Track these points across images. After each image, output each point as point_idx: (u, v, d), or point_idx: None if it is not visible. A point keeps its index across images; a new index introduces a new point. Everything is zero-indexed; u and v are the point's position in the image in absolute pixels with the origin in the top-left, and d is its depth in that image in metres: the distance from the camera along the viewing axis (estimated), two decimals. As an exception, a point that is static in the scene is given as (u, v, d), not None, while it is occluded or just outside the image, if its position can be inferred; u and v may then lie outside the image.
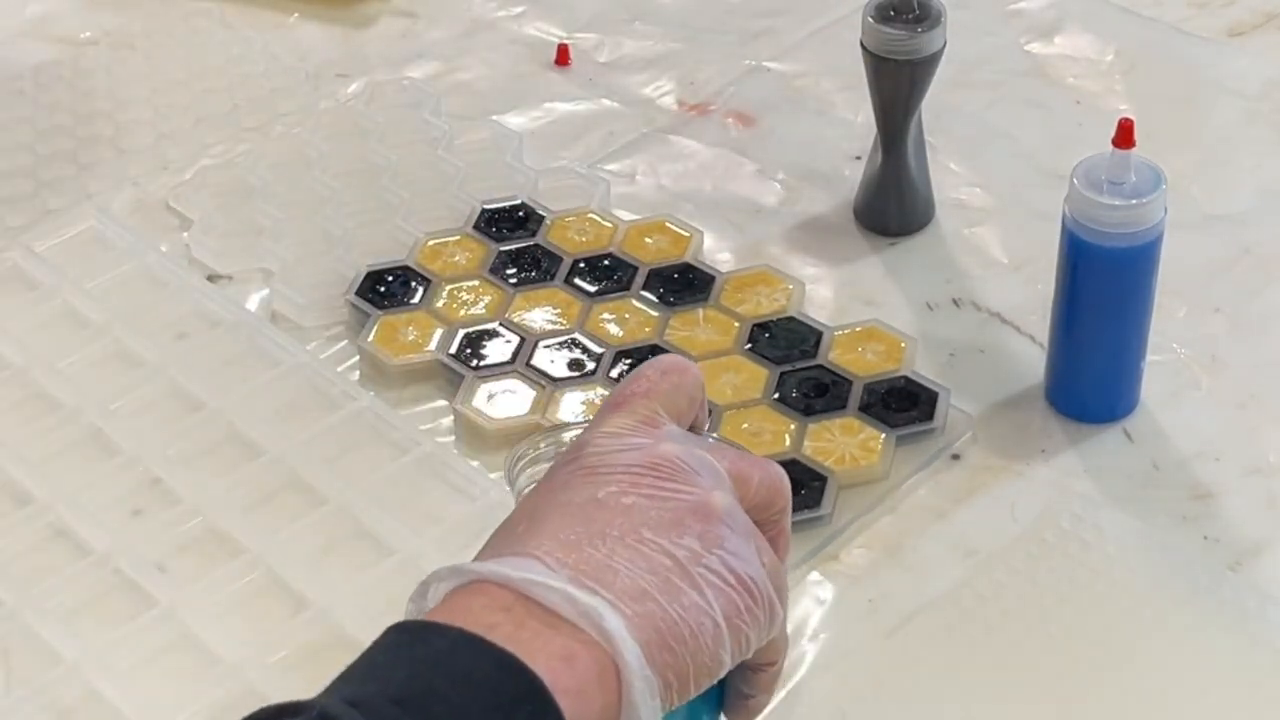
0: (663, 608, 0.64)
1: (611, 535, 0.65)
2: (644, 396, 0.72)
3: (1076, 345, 1.02)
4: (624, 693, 0.62)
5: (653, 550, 0.65)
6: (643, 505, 0.67)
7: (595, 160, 1.26)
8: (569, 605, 0.63)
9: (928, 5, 1.10)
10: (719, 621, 0.65)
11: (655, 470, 0.68)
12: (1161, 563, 0.94)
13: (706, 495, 0.68)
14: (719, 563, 0.66)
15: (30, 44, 1.39)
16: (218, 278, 1.17)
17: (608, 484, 0.68)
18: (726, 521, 0.68)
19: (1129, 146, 0.94)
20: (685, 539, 0.66)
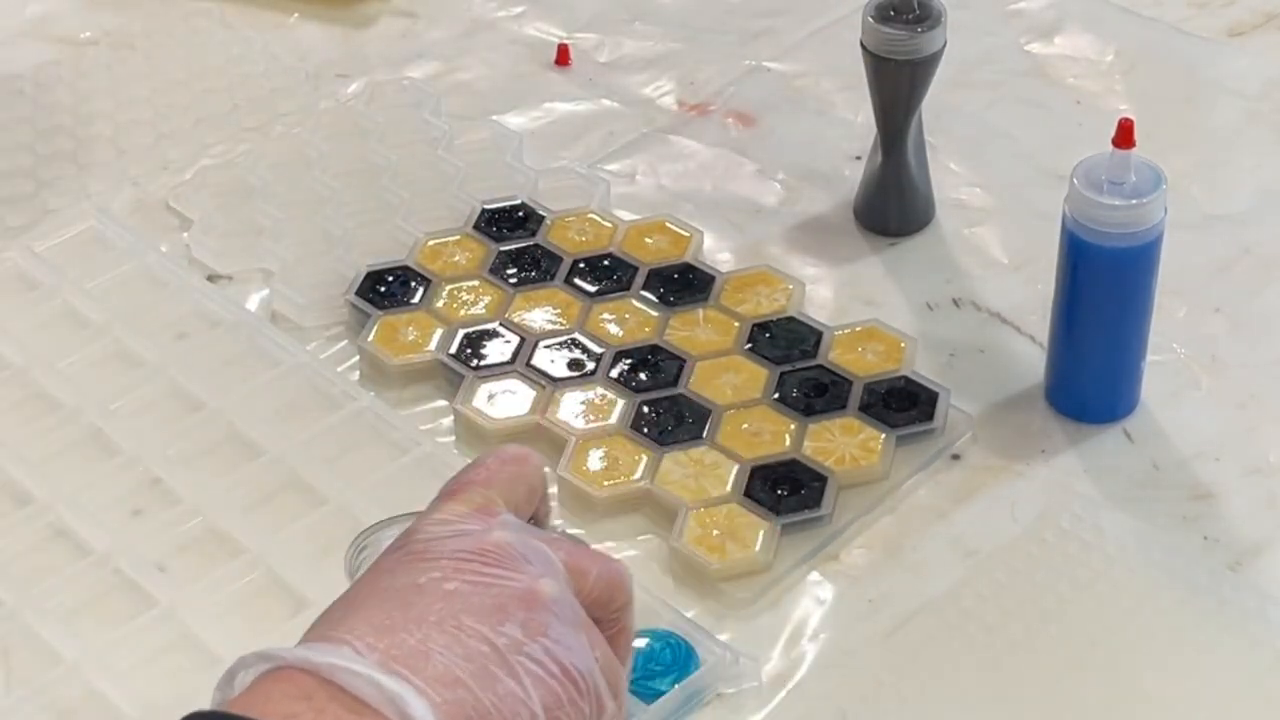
0: (475, 695, 0.62)
1: (429, 621, 0.64)
2: (481, 485, 0.71)
3: (1076, 345, 1.02)
4: None
5: (470, 637, 0.64)
6: (465, 591, 0.65)
7: (595, 160, 1.26)
8: (374, 691, 0.61)
9: (928, 5, 1.10)
10: (536, 712, 0.63)
11: (482, 556, 0.67)
12: (1161, 563, 0.94)
13: (533, 582, 0.66)
14: (541, 651, 0.65)
15: (30, 44, 1.39)
16: (218, 278, 1.17)
17: (431, 570, 0.66)
18: (553, 610, 0.66)
19: (1129, 146, 0.94)
20: (507, 626, 0.64)
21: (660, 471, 0.99)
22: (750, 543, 0.95)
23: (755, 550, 0.95)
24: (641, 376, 1.05)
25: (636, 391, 1.04)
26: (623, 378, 1.05)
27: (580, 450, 1.01)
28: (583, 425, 1.02)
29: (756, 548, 0.95)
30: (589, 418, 1.03)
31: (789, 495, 0.97)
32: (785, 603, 0.94)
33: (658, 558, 0.96)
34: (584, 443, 1.01)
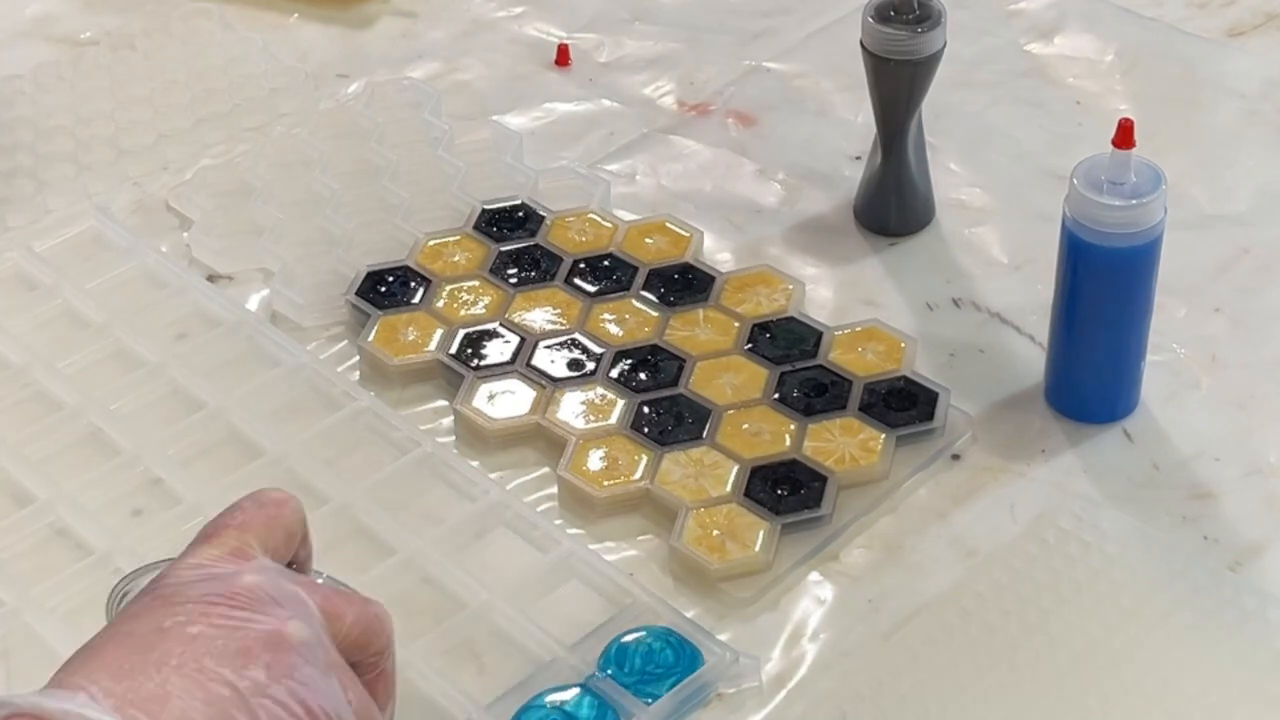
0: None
1: (169, 665, 0.64)
2: (237, 529, 0.71)
3: (1076, 345, 1.02)
4: None
5: (212, 680, 0.64)
6: (209, 634, 0.65)
7: (595, 160, 1.26)
8: None
9: (928, 5, 1.10)
10: None
11: (230, 599, 0.67)
12: (1161, 563, 0.94)
13: (280, 625, 0.66)
14: (285, 693, 0.64)
15: (30, 44, 1.39)
16: (218, 278, 1.17)
17: (177, 614, 0.66)
18: (301, 652, 0.66)
19: (1129, 146, 0.94)
20: (250, 669, 0.64)
21: (660, 471, 0.99)
22: (750, 543, 0.95)
23: (755, 550, 0.95)
24: (641, 376, 1.05)
25: (636, 391, 1.04)
26: (623, 378, 1.05)
27: (580, 450, 1.01)
28: (583, 425, 1.02)
29: (756, 548, 0.95)
30: (589, 418, 1.03)
31: (789, 495, 0.97)
32: (785, 603, 0.94)
33: (658, 558, 0.96)
34: (584, 443, 1.01)
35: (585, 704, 0.88)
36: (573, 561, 0.95)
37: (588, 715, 0.87)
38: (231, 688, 0.64)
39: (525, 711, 0.87)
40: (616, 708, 0.87)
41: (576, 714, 0.87)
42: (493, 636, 0.92)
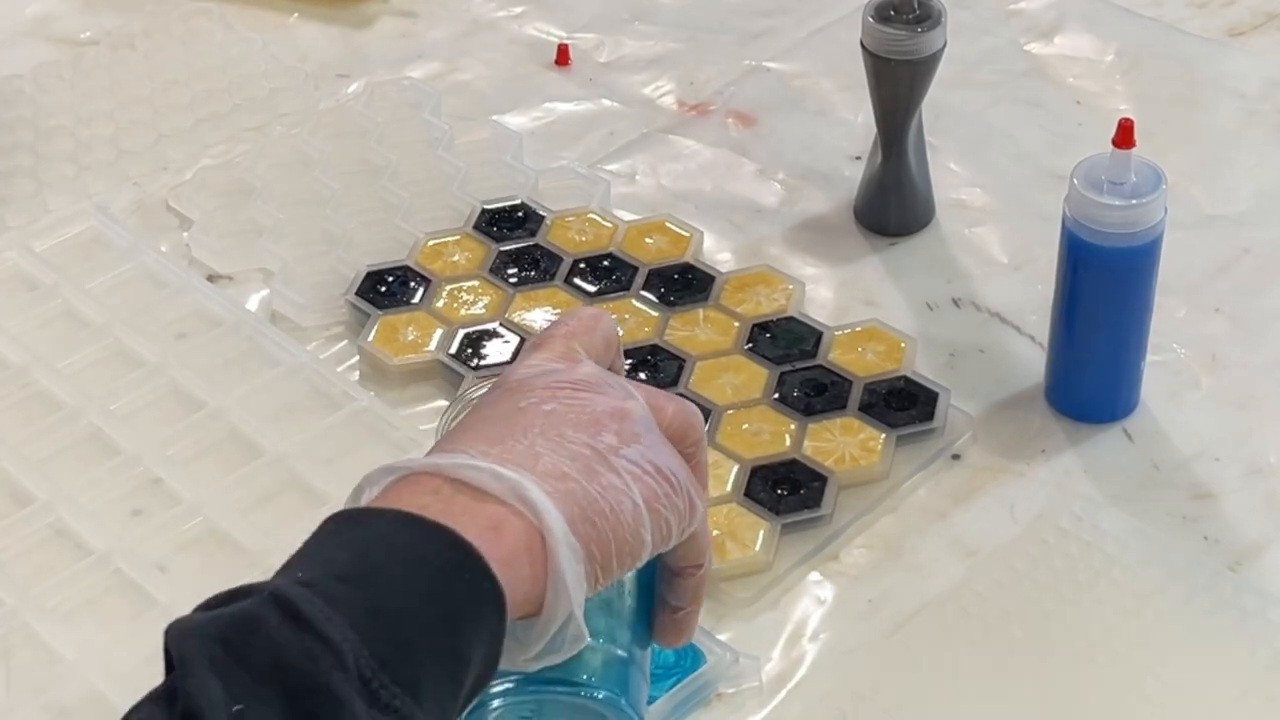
0: (583, 486, 0.68)
1: (533, 432, 0.70)
2: (563, 336, 0.76)
3: (1076, 345, 1.02)
4: (549, 560, 0.66)
5: (572, 443, 0.70)
6: (562, 410, 0.71)
7: (595, 160, 1.26)
8: (494, 482, 0.67)
9: (928, 5, 1.10)
10: (637, 502, 0.69)
11: (575, 385, 0.72)
12: (1161, 563, 0.94)
13: (622, 401, 0.72)
14: (637, 454, 0.70)
15: (30, 44, 1.39)
16: (218, 278, 1.17)
17: (529, 396, 0.72)
18: (642, 423, 0.72)
19: (1129, 146, 0.94)
20: (603, 435, 0.70)
21: (660, 471, 0.99)
22: (750, 543, 0.95)
23: (755, 550, 0.95)
24: (641, 376, 1.05)
25: (636, 391, 1.04)
26: (623, 378, 1.05)
27: (580, 450, 1.01)
28: (583, 425, 1.02)
29: (756, 548, 0.95)
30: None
31: (789, 495, 0.97)
32: (785, 603, 0.94)
33: (658, 558, 0.96)
34: (584, 443, 1.01)
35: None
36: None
37: (588, 715, 0.87)
38: (591, 448, 0.70)
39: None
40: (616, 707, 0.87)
41: (577, 714, 0.87)
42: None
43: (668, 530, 0.71)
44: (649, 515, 0.70)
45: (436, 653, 0.63)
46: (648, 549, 0.70)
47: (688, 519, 0.72)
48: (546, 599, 0.67)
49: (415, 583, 0.64)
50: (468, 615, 0.64)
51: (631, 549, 0.70)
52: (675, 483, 0.71)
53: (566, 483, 0.68)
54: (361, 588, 0.64)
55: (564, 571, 0.67)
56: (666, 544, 0.72)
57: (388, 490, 0.69)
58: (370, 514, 0.68)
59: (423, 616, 0.64)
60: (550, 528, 0.66)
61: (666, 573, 0.75)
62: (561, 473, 0.68)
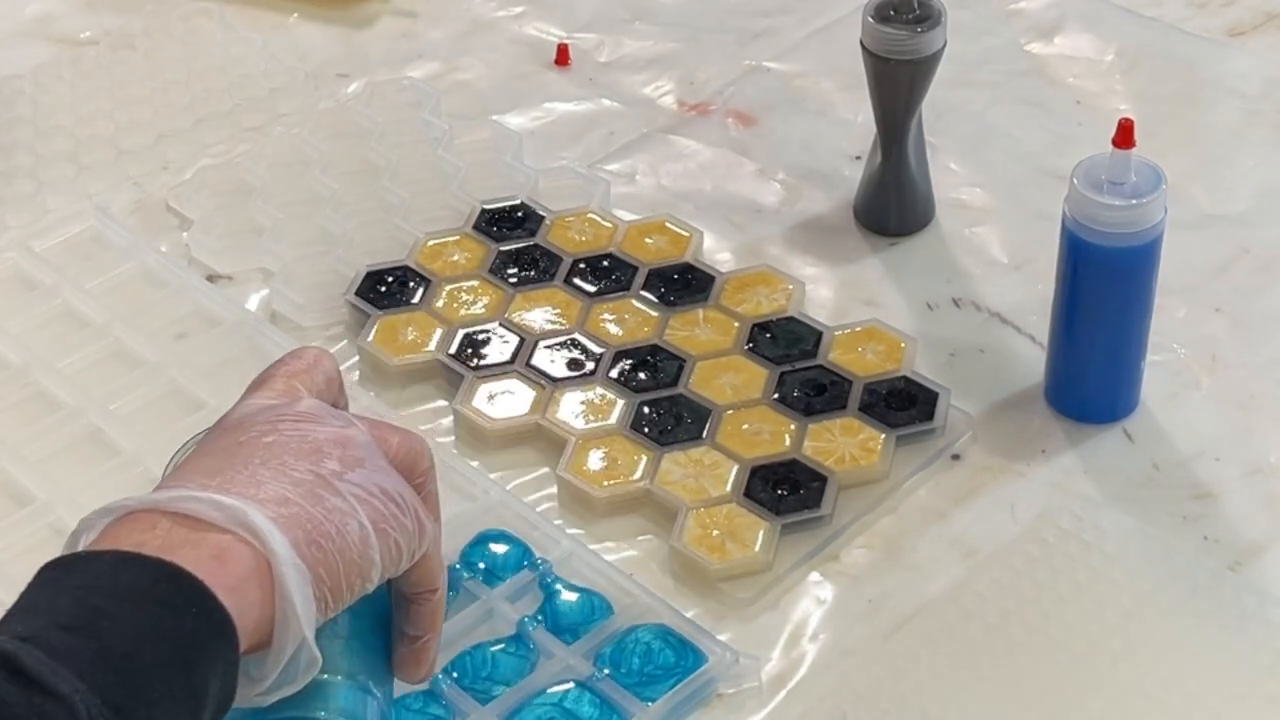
0: (306, 510, 0.68)
1: (254, 463, 0.70)
2: (284, 376, 0.77)
3: (1076, 345, 1.02)
4: (277, 584, 0.66)
5: (294, 470, 0.70)
6: (283, 441, 0.71)
7: (595, 160, 1.26)
8: (215, 511, 0.66)
9: (928, 5, 1.10)
10: (364, 523, 0.69)
11: (294, 416, 0.73)
12: (1161, 563, 0.94)
13: (344, 430, 0.73)
14: (361, 478, 0.71)
15: (30, 44, 1.39)
16: (218, 278, 1.17)
17: (249, 431, 0.72)
18: (366, 449, 0.72)
19: (1129, 146, 0.94)
20: (326, 462, 0.71)
21: (660, 471, 0.99)
22: (750, 543, 0.95)
23: (755, 550, 0.95)
24: (641, 376, 1.05)
25: (636, 391, 1.04)
26: (623, 378, 1.05)
27: (580, 450, 1.01)
28: (583, 425, 1.02)
29: (756, 548, 0.95)
30: (589, 418, 1.03)
31: (789, 495, 0.97)
32: (785, 603, 0.94)
33: (658, 558, 0.96)
34: (584, 443, 1.01)
35: (586, 704, 0.88)
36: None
37: (589, 715, 0.87)
38: (314, 474, 0.70)
39: (524, 710, 0.87)
40: (617, 708, 0.87)
41: (577, 713, 0.87)
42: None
43: (397, 551, 0.71)
44: (376, 536, 0.70)
45: (171, 692, 0.62)
46: (378, 570, 0.70)
47: (417, 540, 0.72)
48: (276, 624, 0.66)
49: (141, 622, 0.63)
50: (199, 649, 0.63)
51: (361, 570, 0.69)
52: (402, 504, 0.71)
53: (290, 507, 0.68)
54: (86, 635, 0.62)
55: (292, 595, 0.66)
56: (397, 566, 0.72)
57: (105, 532, 0.67)
58: (87, 558, 0.66)
59: (152, 656, 0.62)
60: (275, 551, 0.66)
61: (402, 601, 0.75)
62: (284, 498, 0.68)
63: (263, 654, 0.67)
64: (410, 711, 0.88)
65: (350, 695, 0.73)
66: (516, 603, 0.93)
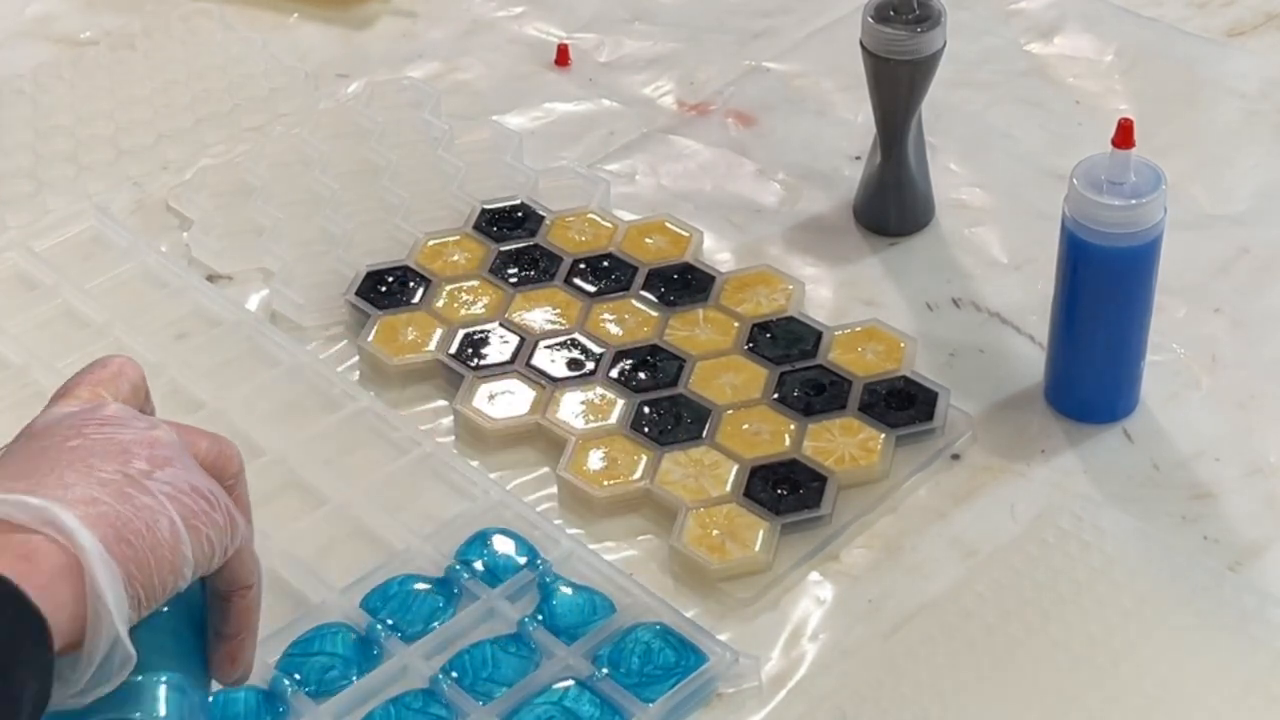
0: (115, 508, 0.68)
1: (60, 465, 0.69)
2: (89, 385, 0.76)
3: (1076, 345, 1.02)
4: (87, 581, 0.66)
5: (101, 471, 0.69)
6: (88, 444, 0.71)
7: (595, 160, 1.26)
8: (21, 512, 0.66)
9: (928, 5, 1.10)
10: (174, 519, 0.69)
11: (99, 420, 0.73)
12: (1161, 563, 0.94)
13: (150, 430, 0.73)
14: (170, 476, 0.71)
15: (30, 44, 1.39)
16: (218, 278, 1.17)
17: (53, 437, 0.72)
18: (174, 449, 0.72)
19: (1129, 146, 0.94)
20: (134, 462, 0.70)
21: (660, 471, 0.99)
22: (750, 543, 0.95)
23: (755, 550, 0.95)
24: (641, 376, 1.05)
25: (636, 391, 1.04)
26: (623, 378, 1.05)
27: (580, 450, 1.01)
28: (583, 425, 1.02)
29: (756, 548, 0.95)
30: (589, 418, 1.03)
31: (789, 495, 0.97)
32: (785, 603, 0.94)
33: (658, 558, 0.96)
34: (584, 443, 1.01)
35: (586, 704, 0.88)
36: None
37: (589, 715, 0.87)
38: (121, 474, 0.70)
39: (524, 709, 0.87)
40: (616, 708, 0.87)
41: (578, 713, 0.87)
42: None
43: (210, 547, 0.71)
44: (188, 531, 0.70)
45: None
46: (190, 565, 0.70)
47: (229, 536, 0.72)
48: (89, 623, 0.66)
49: None
50: (12, 652, 0.63)
51: (173, 566, 0.69)
52: (213, 500, 0.72)
53: (98, 506, 0.68)
54: None
55: (103, 591, 0.66)
56: (210, 563, 0.72)
57: None
58: None
59: None
60: (84, 547, 0.66)
61: (216, 599, 0.75)
62: (92, 498, 0.68)
63: (76, 654, 0.67)
64: (410, 711, 0.88)
65: (169, 697, 0.73)
66: (516, 602, 0.93)
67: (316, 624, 0.92)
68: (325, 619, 0.93)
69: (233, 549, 0.73)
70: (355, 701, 0.88)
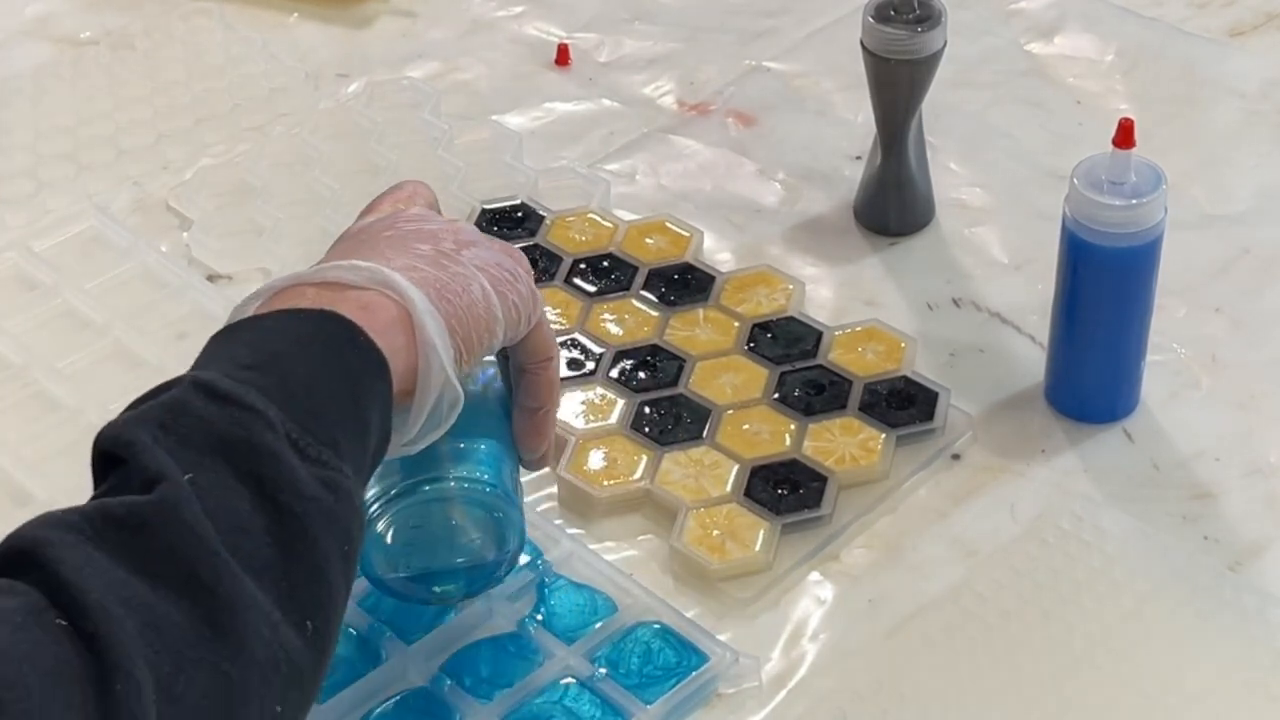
0: (433, 273, 0.77)
1: (379, 247, 0.79)
2: (389, 201, 0.86)
3: (1076, 345, 1.02)
4: (417, 330, 0.75)
5: (417, 248, 0.79)
6: (401, 233, 0.80)
7: (595, 160, 1.26)
8: (352, 274, 0.75)
9: (928, 5, 1.10)
10: (484, 285, 0.79)
11: (408, 218, 0.82)
12: (1161, 563, 0.94)
13: (455, 222, 0.83)
14: (475, 253, 0.80)
15: (30, 44, 1.39)
16: (218, 278, 1.17)
17: (367, 233, 0.81)
18: (475, 234, 0.82)
19: (1129, 146, 0.94)
20: (444, 243, 0.80)
21: (660, 471, 0.99)
22: (750, 543, 0.95)
23: (755, 550, 0.95)
24: (641, 376, 1.05)
25: (636, 391, 1.04)
26: (623, 377, 1.05)
27: (580, 450, 1.01)
28: (583, 425, 1.02)
29: (756, 548, 0.95)
30: (589, 418, 1.03)
31: (789, 495, 0.97)
32: (785, 603, 0.94)
33: (658, 558, 0.96)
34: (584, 443, 1.01)
35: (586, 704, 0.88)
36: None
37: (589, 714, 0.87)
38: (434, 249, 0.79)
39: (524, 709, 0.87)
40: (616, 708, 0.87)
41: (577, 713, 0.87)
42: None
43: (516, 313, 0.80)
44: (497, 296, 0.79)
45: (343, 417, 0.70)
46: (501, 325, 0.79)
47: (532, 304, 0.81)
48: (420, 365, 0.74)
49: (311, 360, 0.71)
50: (362, 382, 0.72)
51: (487, 325, 0.78)
52: (516, 273, 0.80)
53: (419, 272, 0.77)
54: (266, 371, 0.70)
55: (432, 337, 0.75)
56: (518, 327, 0.81)
57: (262, 307, 0.76)
58: (250, 320, 0.75)
59: (325, 387, 0.71)
60: (412, 299, 0.75)
61: (520, 375, 0.84)
62: (412, 266, 0.77)
63: (407, 406, 0.75)
64: (410, 711, 0.88)
65: (484, 460, 0.84)
66: (516, 602, 0.93)
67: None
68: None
69: (535, 317, 0.82)
70: (355, 701, 0.88)
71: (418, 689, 0.89)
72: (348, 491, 0.69)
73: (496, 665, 0.90)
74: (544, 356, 0.84)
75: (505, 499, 0.85)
